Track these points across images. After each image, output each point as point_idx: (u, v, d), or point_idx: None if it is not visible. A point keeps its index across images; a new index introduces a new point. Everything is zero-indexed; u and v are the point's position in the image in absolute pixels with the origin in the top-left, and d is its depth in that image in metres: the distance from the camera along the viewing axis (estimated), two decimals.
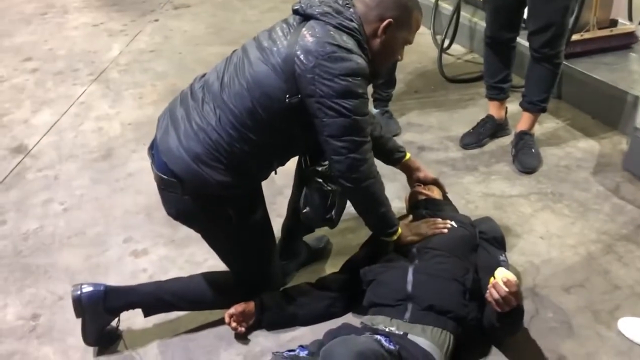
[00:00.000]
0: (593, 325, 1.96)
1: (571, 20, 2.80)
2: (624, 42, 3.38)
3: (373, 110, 3.11)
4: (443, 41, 3.86)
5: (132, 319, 2.01)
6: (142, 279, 2.22)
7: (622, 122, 3.01)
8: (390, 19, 1.74)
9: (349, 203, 1.97)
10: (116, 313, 1.93)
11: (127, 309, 1.94)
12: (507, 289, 1.60)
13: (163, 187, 1.81)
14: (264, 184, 1.95)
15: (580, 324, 1.96)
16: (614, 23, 3.39)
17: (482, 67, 3.12)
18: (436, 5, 4.16)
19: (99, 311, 1.87)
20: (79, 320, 1.88)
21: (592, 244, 2.31)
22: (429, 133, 3.14)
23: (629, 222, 2.41)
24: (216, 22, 4.90)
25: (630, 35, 3.38)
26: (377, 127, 2.09)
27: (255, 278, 1.99)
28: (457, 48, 4.08)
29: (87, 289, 1.86)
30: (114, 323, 1.95)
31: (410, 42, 1.86)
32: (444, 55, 3.85)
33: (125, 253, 2.39)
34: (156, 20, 5.00)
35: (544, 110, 2.86)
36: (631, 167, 2.72)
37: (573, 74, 3.24)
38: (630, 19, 3.63)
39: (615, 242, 2.31)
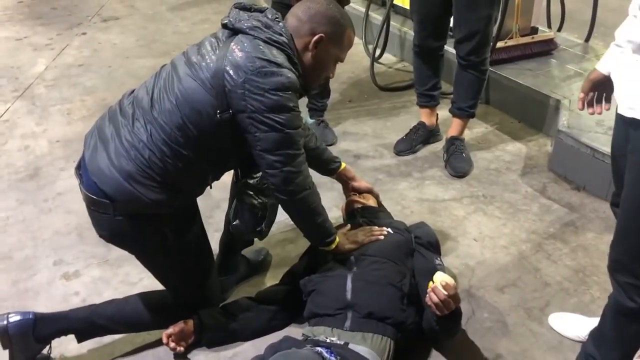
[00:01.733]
0: (526, 323, 2.03)
1: (495, 28, 2.91)
2: (544, 49, 3.54)
3: (309, 120, 3.13)
4: (374, 50, 3.93)
5: (64, 345, 1.93)
6: (75, 302, 2.13)
7: (546, 125, 3.15)
8: (322, 34, 1.75)
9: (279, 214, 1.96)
10: (47, 341, 1.84)
11: (59, 336, 1.86)
12: (446, 293, 1.64)
13: (93, 208, 1.75)
14: (200, 197, 1.92)
15: (515, 322, 2.03)
16: (534, 30, 3.56)
17: (412, 75, 3.20)
18: (367, 15, 4.24)
19: (28, 341, 1.78)
20: (7, 352, 1.78)
21: (523, 244, 2.40)
22: (364, 141, 3.19)
23: (555, 221, 2.52)
24: (146, 34, 4.81)
25: (550, 41, 3.56)
26: (312, 138, 2.10)
27: (194, 296, 1.95)
28: (388, 57, 4.18)
29: (14, 318, 1.77)
30: (45, 351, 1.86)
31: (341, 60, 1.87)
32: (376, 65, 3.93)
33: (55, 276, 2.30)
34: (84, 34, 4.85)
35: (472, 115, 2.96)
36: (556, 167, 2.85)
37: (499, 80, 3.37)
38: (549, 26, 3.82)
39: (544, 241, 2.41)
